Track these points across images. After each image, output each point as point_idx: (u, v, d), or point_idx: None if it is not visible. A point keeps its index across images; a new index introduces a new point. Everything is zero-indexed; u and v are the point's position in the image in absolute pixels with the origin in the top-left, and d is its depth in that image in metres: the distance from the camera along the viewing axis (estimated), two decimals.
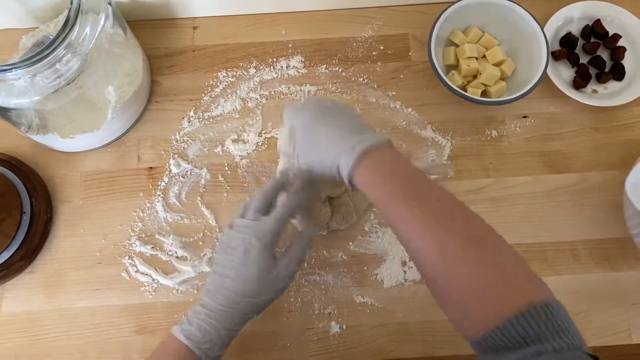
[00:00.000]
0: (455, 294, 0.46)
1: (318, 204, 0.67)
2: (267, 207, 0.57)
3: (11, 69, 0.55)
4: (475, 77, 0.76)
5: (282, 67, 0.79)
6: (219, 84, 0.78)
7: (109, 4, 0.64)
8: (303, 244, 0.57)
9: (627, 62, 0.78)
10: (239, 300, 0.54)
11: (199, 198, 0.72)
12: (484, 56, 0.76)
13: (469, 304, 0.45)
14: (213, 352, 0.53)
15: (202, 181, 0.73)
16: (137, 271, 0.69)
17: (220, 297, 0.54)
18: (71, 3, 0.58)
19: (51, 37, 0.58)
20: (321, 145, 0.54)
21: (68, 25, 0.58)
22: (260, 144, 0.75)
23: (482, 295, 0.45)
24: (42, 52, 0.57)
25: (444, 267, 0.46)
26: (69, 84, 0.61)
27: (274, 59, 0.79)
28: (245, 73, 0.78)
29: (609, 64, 0.78)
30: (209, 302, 0.54)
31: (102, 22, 0.62)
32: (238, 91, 0.77)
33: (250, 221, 0.55)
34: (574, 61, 0.78)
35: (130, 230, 0.71)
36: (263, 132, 0.75)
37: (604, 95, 0.77)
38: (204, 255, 0.70)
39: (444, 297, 0.48)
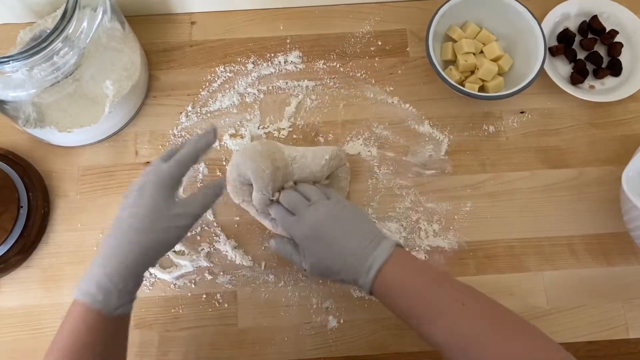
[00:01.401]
0: None
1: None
2: (171, 156, 0.56)
3: (8, 61, 0.55)
4: (472, 72, 0.76)
5: (280, 62, 0.79)
6: (216, 79, 0.78)
7: None
8: (210, 191, 0.56)
9: (623, 58, 0.78)
10: (131, 237, 0.51)
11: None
12: (482, 52, 0.76)
13: None
14: (111, 303, 0.49)
15: (200, 176, 0.73)
16: None
17: (113, 239, 0.51)
18: None
19: (49, 31, 0.58)
20: (335, 264, 0.57)
21: (65, 18, 0.58)
22: (257, 139, 0.75)
23: None
24: (39, 44, 0.57)
25: (463, 353, 0.49)
26: (66, 77, 0.61)
27: (272, 54, 0.79)
28: (243, 68, 0.78)
29: (605, 60, 0.79)
30: (100, 250, 0.51)
31: (99, 16, 0.62)
32: (236, 86, 0.77)
33: (151, 166, 0.55)
34: (571, 57, 0.78)
35: None
36: (261, 127, 0.75)
37: (601, 91, 0.77)
38: (201, 250, 0.70)
39: None
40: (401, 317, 0.55)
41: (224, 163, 0.74)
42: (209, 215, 0.71)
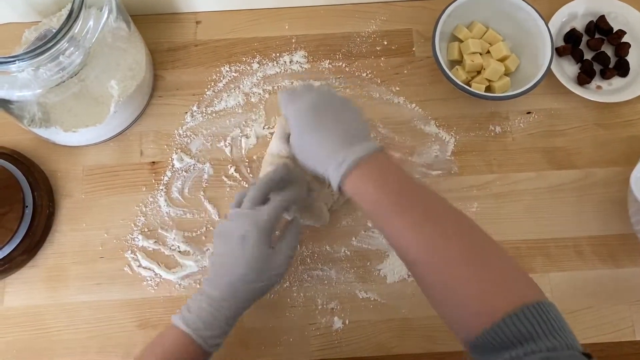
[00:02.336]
0: (449, 296, 0.47)
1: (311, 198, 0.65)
2: (263, 198, 0.57)
3: (14, 60, 0.55)
4: (479, 72, 0.75)
5: (285, 62, 0.78)
6: (222, 78, 0.78)
7: None
8: (295, 231, 0.58)
9: (631, 58, 0.78)
10: (239, 287, 0.54)
11: (201, 193, 0.72)
12: (488, 52, 0.76)
13: (463, 305, 0.46)
14: (213, 340, 0.53)
15: (205, 176, 0.73)
16: (140, 266, 0.69)
17: (220, 285, 0.54)
18: None
19: (54, 30, 0.58)
20: (312, 149, 0.55)
21: (71, 18, 0.58)
22: (263, 138, 0.75)
23: (477, 296, 0.45)
24: (45, 44, 0.57)
25: (439, 269, 0.47)
26: (71, 77, 0.61)
27: (277, 54, 0.79)
28: (249, 68, 0.78)
29: (613, 60, 0.78)
30: (208, 290, 0.54)
31: (105, 16, 0.62)
32: (241, 86, 0.77)
33: (246, 210, 0.55)
34: (578, 57, 0.78)
35: (132, 225, 0.71)
36: (266, 127, 0.75)
37: (608, 91, 0.77)
38: (206, 250, 0.69)
39: (438, 299, 0.49)
40: (371, 221, 0.54)
41: (229, 166, 0.73)
42: (214, 215, 0.71)
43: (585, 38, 0.79)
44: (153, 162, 0.74)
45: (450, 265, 0.46)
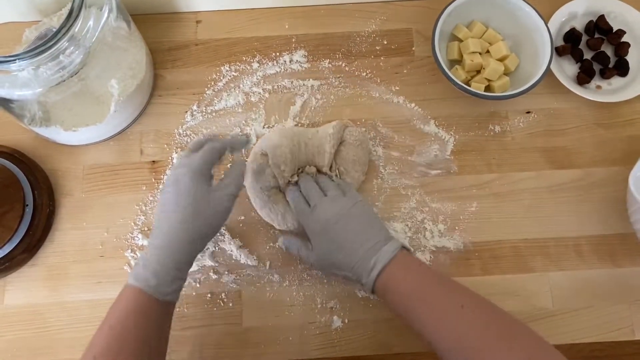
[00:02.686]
0: None
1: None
2: (199, 147, 0.59)
3: (15, 59, 0.55)
4: (478, 72, 0.75)
5: (285, 61, 0.79)
6: (222, 78, 0.78)
7: None
8: (236, 169, 0.60)
9: (631, 58, 0.78)
10: (179, 228, 0.54)
11: None
12: (488, 51, 0.76)
13: None
14: (164, 288, 0.52)
15: None
16: None
17: (162, 232, 0.54)
18: None
19: (54, 30, 0.58)
20: (339, 258, 0.59)
21: (72, 17, 0.58)
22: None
23: None
24: (45, 43, 0.57)
25: (476, 354, 0.49)
26: (72, 76, 0.61)
27: (277, 54, 0.79)
28: (249, 67, 0.78)
29: (613, 60, 0.78)
30: (151, 240, 0.55)
31: (105, 15, 0.62)
32: (241, 85, 0.77)
33: (182, 159, 0.58)
34: (577, 57, 0.78)
35: (132, 224, 0.71)
36: (266, 126, 0.75)
37: (608, 91, 0.77)
38: (206, 249, 0.70)
39: None
40: (403, 318, 0.56)
41: (229, 165, 0.73)
42: None
43: (585, 38, 0.79)
44: (153, 161, 0.74)
45: (488, 350, 0.49)
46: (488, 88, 0.75)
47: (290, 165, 0.67)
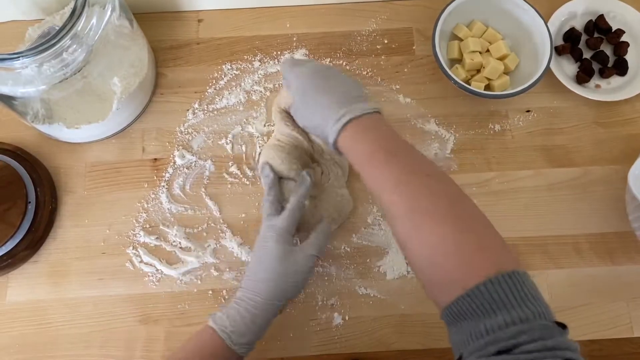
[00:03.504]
0: (427, 254, 0.46)
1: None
2: (278, 207, 0.63)
3: (18, 57, 0.56)
4: (478, 71, 0.76)
5: None
6: (223, 76, 0.78)
7: None
8: (320, 231, 0.62)
9: (630, 57, 0.78)
10: (263, 286, 0.57)
11: (203, 189, 0.73)
12: (488, 50, 0.76)
13: (439, 267, 0.45)
14: (238, 339, 0.55)
15: (206, 173, 0.73)
16: (141, 261, 0.70)
17: (248, 286, 0.58)
18: None
19: (57, 28, 0.59)
20: (314, 113, 0.57)
21: (75, 15, 0.59)
22: (264, 135, 0.75)
23: (453, 259, 0.45)
24: (48, 41, 0.57)
25: (420, 225, 0.47)
26: (75, 74, 0.62)
27: (279, 52, 0.80)
28: (250, 66, 0.79)
29: (612, 59, 0.79)
30: (238, 292, 0.59)
31: (108, 14, 0.62)
32: (242, 84, 0.78)
33: (266, 223, 0.62)
34: (577, 56, 0.78)
35: (134, 221, 0.71)
36: (267, 124, 0.76)
37: (607, 90, 0.77)
38: (207, 246, 0.70)
39: (416, 258, 0.48)
40: (358, 170, 0.54)
41: (230, 163, 0.74)
42: (215, 212, 0.72)
43: (584, 37, 0.80)
44: (155, 159, 0.74)
45: (431, 222, 0.46)
46: (488, 87, 0.75)
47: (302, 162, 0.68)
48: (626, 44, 0.78)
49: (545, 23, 0.73)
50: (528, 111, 0.77)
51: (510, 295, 0.41)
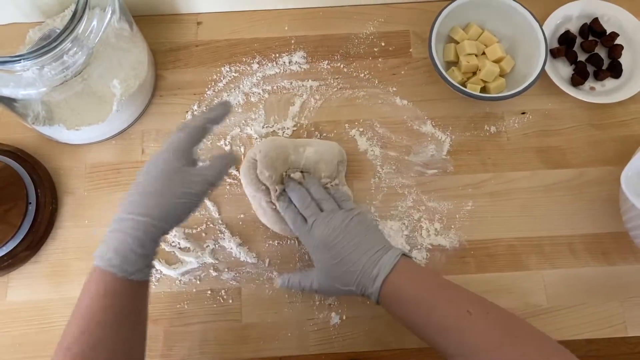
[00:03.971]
0: None
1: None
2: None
3: (20, 60, 0.56)
4: (474, 73, 0.77)
5: (284, 62, 0.80)
6: (222, 78, 0.79)
7: None
8: (221, 159, 0.58)
9: (624, 60, 0.79)
10: (142, 201, 0.52)
11: None
12: (484, 53, 0.77)
13: None
14: (128, 267, 0.49)
15: None
16: None
17: (127, 204, 0.52)
18: None
19: (58, 30, 0.59)
20: (342, 285, 0.59)
21: (75, 18, 0.59)
22: (262, 137, 0.76)
23: None
24: (49, 44, 0.58)
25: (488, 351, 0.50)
26: (75, 76, 0.62)
27: (277, 55, 0.80)
28: (248, 68, 0.80)
29: (606, 62, 0.80)
30: (117, 215, 0.52)
31: (108, 16, 0.63)
32: (241, 86, 0.79)
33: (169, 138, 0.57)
34: (572, 59, 0.79)
35: None
36: (265, 126, 0.76)
37: (602, 92, 0.78)
38: (206, 247, 0.71)
39: None
40: (409, 326, 0.56)
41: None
42: (214, 212, 0.72)
43: (579, 40, 0.81)
44: None
45: (494, 352, 0.49)
46: (484, 89, 0.76)
47: (277, 172, 0.67)
48: (620, 47, 0.79)
49: (541, 26, 0.74)
50: (523, 113, 0.78)
51: None
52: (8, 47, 0.76)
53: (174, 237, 0.71)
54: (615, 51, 0.79)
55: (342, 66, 0.80)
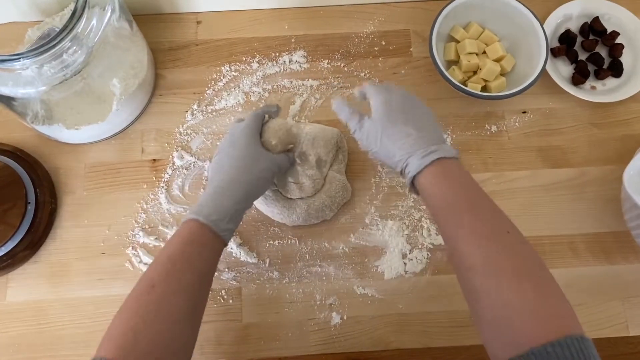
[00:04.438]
0: (499, 312, 0.45)
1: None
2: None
3: (19, 58, 0.56)
4: (475, 72, 0.77)
5: (284, 61, 0.80)
6: (222, 77, 0.79)
7: None
8: (284, 155, 0.65)
9: (624, 59, 0.79)
10: (235, 173, 0.59)
11: (202, 190, 0.73)
12: (484, 52, 0.77)
13: (511, 324, 0.45)
14: (222, 224, 0.55)
15: (205, 173, 0.74)
16: (141, 262, 0.70)
17: (217, 175, 0.60)
18: None
19: (57, 29, 0.59)
20: (396, 141, 0.56)
21: (75, 17, 0.59)
22: None
23: (529, 320, 0.44)
24: (48, 42, 0.58)
25: (494, 280, 0.46)
26: (74, 75, 0.62)
27: (277, 54, 0.80)
28: (248, 67, 0.79)
29: (607, 61, 0.80)
30: (209, 185, 0.60)
31: (108, 15, 0.63)
32: (241, 85, 0.78)
33: (235, 123, 0.65)
34: (572, 58, 0.79)
35: (133, 222, 0.72)
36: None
37: (602, 91, 0.78)
38: None
39: (484, 309, 0.47)
40: (437, 219, 0.53)
41: None
42: None
43: (579, 39, 0.81)
44: (154, 160, 0.75)
45: (512, 280, 0.46)
46: (485, 88, 0.76)
47: (281, 142, 0.65)
48: (621, 46, 0.79)
49: (541, 25, 0.74)
50: (524, 112, 0.78)
51: (576, 357, 0.41)
52: (7, 46, 0.76)
53: None
54: (615, 50, 0.79)
55: (342, 65, 0.80)
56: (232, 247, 0.70)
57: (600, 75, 0.78)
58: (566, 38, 0.79)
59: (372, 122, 0.58)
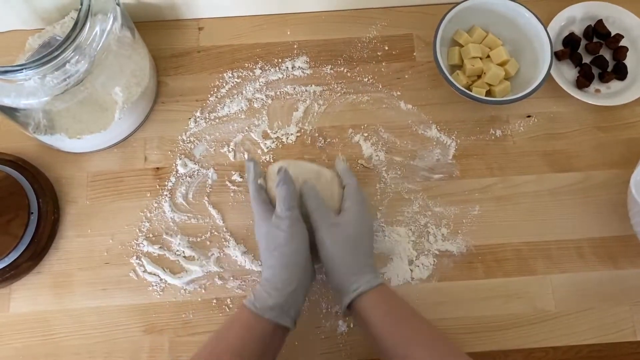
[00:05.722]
0: None
1: None
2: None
3: (22, 69, 0.56)
4: (479, 77, 0.76)
5: (287, 67, 0.79)
6: (224, 84, 0.78)
7: (118, 5, 0.64)
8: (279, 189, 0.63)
9: (629, 61, 0.79)
10: (268, 255, 0.60)
11: (205, 198, 0.73)
12: (488, 56, 0.77)
13: None
14: (267, 304, 0.56)
15: (209, 181, 0.73)
16: (145, 271, 0.69)
17: (264, 264, 0.61)
18: (81, 4, 0.58)
19: (58, 38, 0.58)
20: (340, 265, 0.60)
21: (77, 26, 0.58)
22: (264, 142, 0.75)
23: None
24: (51, 53, 0.57)
25: None
26: (77, 84, 0.61)
27: (280, 60, 0.80)
28: (251, 74, 0.79)
29: (611, 64, 0.79)
30: (263, 276, 0.60)
31: (110, 24, 0.62)
32: (244, 92, 0.78)
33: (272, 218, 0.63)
34: (576, 61, 0.79)
35: (137, 230, 0.71)
36: (269, 132, 0.76)
37: (607, 94, 0.78)
38: (211, 255, 0.70)
39: None
40: (373, 337, 0.58)
41: (233, 172, 0.74)
42: (218, 220, 0.72)
43: (583, 42, 0.80)
44: (157, 168, 0.74)
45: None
46: (489, 93, 0.75)
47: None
48: (625, 49, 0.78)
49: (545, 28, 0.73)
50: (529, 116, 0.77)
51: None
52: (7, 55, 0.75)
53: (179, 245, 0.70)
54: (620, 53, 0.78)
55: (345, 71, 0.79)
56: (237, 255, 0.70)
57: (604, 78, 0.78)
58: (570, 41, 0.79)
59: (342, 232, 0.61)
